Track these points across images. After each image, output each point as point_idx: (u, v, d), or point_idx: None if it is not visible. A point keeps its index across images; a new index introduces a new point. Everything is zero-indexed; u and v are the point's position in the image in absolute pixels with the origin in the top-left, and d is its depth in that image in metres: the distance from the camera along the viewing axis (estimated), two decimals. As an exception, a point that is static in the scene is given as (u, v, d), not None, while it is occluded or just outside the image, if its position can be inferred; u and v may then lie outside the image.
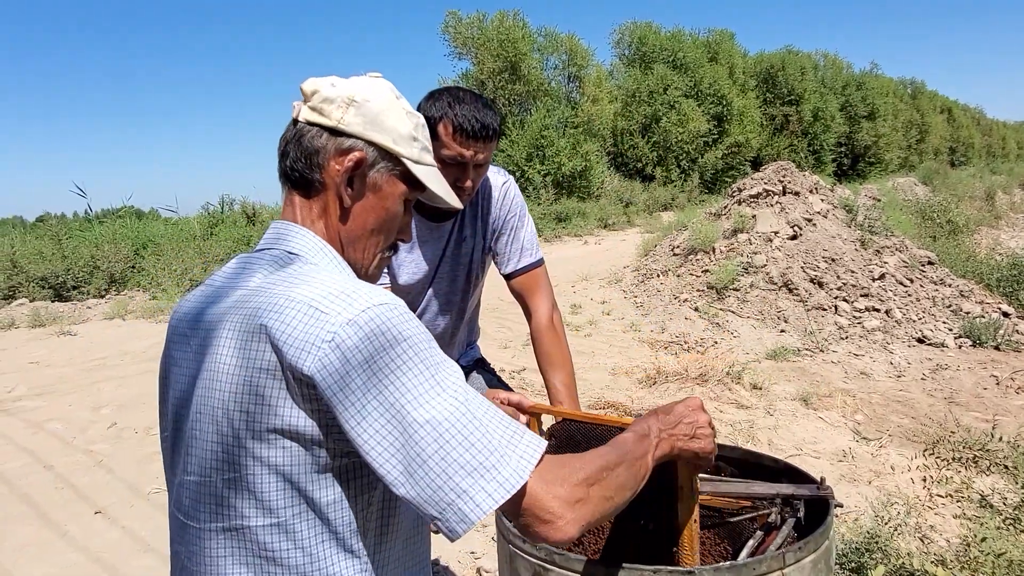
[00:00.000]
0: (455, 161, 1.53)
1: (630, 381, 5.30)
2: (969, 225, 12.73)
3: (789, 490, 1.37)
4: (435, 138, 1.51)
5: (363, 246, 1.04)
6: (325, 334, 0.81)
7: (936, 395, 4.98)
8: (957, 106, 58.23)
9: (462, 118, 1.50)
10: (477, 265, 1.81)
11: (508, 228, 1.78)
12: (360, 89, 1.00)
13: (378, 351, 0.81)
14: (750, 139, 29.63)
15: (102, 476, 3.84)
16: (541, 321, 1.77)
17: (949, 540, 2.82)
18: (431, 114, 1.53)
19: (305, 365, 0.81)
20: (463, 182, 1.56)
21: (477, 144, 1.53)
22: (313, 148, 0.99)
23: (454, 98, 1.53)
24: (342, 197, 0.99)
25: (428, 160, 1.07)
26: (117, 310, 8.36)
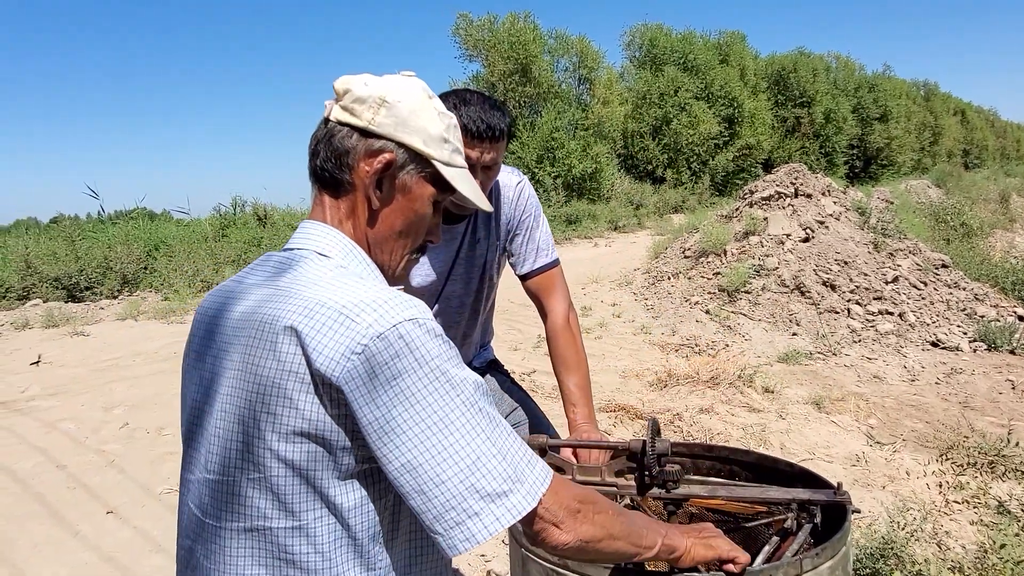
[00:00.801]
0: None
1: (640, 384, 5.28)
2: (983, 228, 12.62)
3: (805, 495, 1.35)
4: None
5: (391, 248, 1.03)
6: (356, 345, 0.82)
7: (950, 399, 4.93)
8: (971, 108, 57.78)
9: (468, 119, 1.48)
10: (491, 267, 1.79)
11: (523, 229, 1.76)
12: (392, 89, 0.99)
13: (405, 370, 0.82)
14: (761, 141, 29.49)
15: (114, 476, 3.86)
16: (557, 322, 1.75)
17: (965, 546, 2.78)
18: None
19: (334, 374, 0.82)
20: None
21: (484, 145, 1.51)
22: (343, 148, 0.98)
23: (461, 100, 1.51)
24: (370, 199, 0.99)
25: (459, 162, 1.06)
26: (129, 311, 8.40)
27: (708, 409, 4.66)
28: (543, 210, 1.84)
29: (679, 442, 1.62)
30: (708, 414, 4.59)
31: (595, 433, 1.63)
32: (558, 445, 1.49)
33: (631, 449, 1.40)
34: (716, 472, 1.60)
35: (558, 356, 1.74)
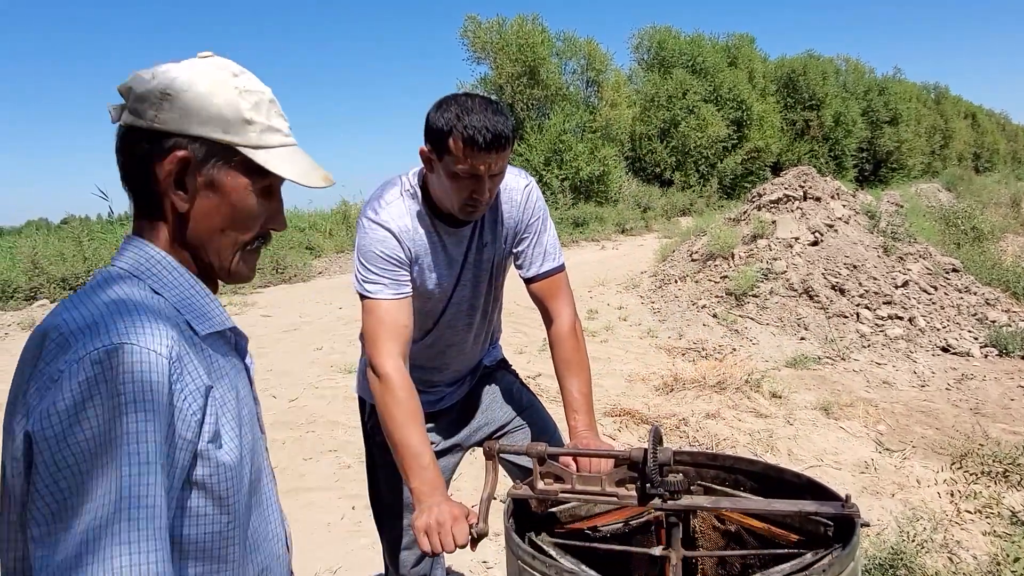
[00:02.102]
0: (468, 175, 1.46)
1: (647, 388, 5.22)
2: (994, 232, 12.49)
3: (812, 507, 1.30)
4: (446, 152, 1.45)
5: (216, 247, 0.95)
6: (54, 372, 0.77)
7: (961, 405, 4.86)
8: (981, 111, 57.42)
9: (472, 130, 1.41)
10: (499, 270, 1.77)
11: (531, 232, 1.72)
12: (177, 78, 0.89)
13: (80, 402, 0.74)
14: (770, 144, 29.36)
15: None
16: (563, 327, 1.71)
17: (976, 556, 2.72)
18: (439, 126, 1.45)
19: (35, 403, 0.76)
20: (479, 195, 1.50)
21: (490, 156, 1.45)
22: (136, 155, 0.90)
23: (462, 108, 1.44)
24: (175, 202, 0.90)
25: (273, 141, 0.94)
26: (135, 312, 8.40)
27: (715, 414, 4.60)
28: (550, 213, 1.80)
29: (682, 450, 1.58)
30: (715, 419, 4.53)
31: (596, 441, 1.59)
32: (557, 453, 1.44)
33: (632, 458, 1.35)
34: (721, 482, 1.56)
35: (563, 361, 1.70)
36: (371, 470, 1.91)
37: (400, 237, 1.57)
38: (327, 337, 7.07)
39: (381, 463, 1.86)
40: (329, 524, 3.29)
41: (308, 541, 3.13)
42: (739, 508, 1.38)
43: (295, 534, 3.19)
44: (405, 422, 1.48)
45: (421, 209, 1.61)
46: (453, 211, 1.56)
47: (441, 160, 1.48)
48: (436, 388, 1.85)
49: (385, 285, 1.55)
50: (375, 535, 3.11)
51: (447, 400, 1.88)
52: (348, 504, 3.47)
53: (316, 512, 3.41)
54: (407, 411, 1.49)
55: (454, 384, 1.88)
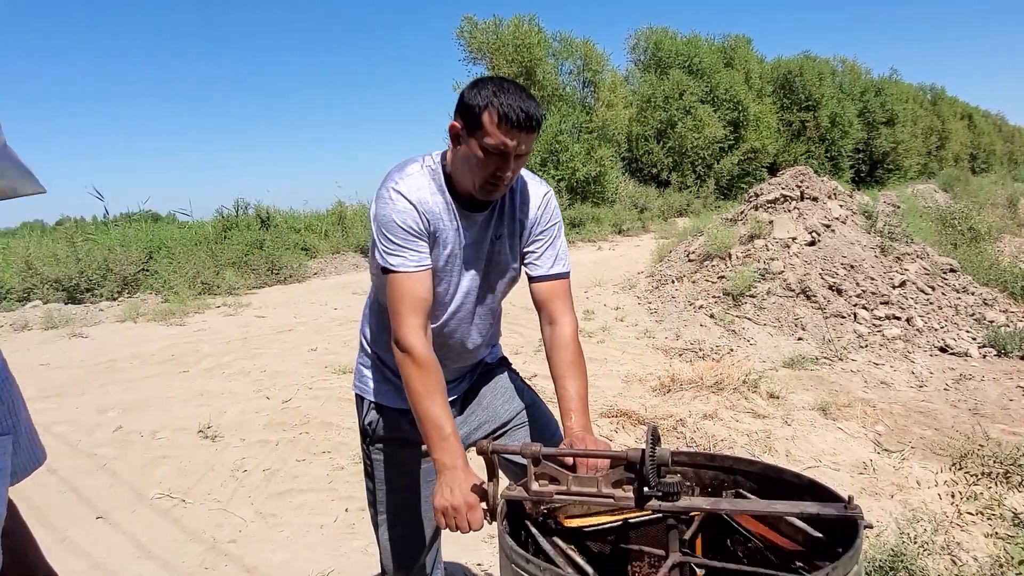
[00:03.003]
0: (498, 151, 1.50)
1: (643, 388, 5.19)
2: (991, 232, 12.47)
3: (814, 509, 1.26)
4: (478, 127, 1.49)
5: None
6: None
7: (960, 406, 4.83)
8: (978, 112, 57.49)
9: (507, 107, 1.47)
10: (506, 265, 1.76)
11: (547, 235, 1.76)
12: None
13: None
14: (766, 145, 29.35)
15: (105, 480, 3.79)
16: (565, 330, 1.72)
17: (976, 558, 2.69)
18: (475, 103, 1.50)
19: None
20: (503, 172, 1.53)
21: (521, 134, 1.50)
22: None
23: (499, 87, 1.50)
24: None
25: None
26: (129, 313, 8.35)
27: (712, 415, 4.57)
28: None
29: (680, 451, 1.54)
30: (712, 420, 4.50)
31: (593, 441, 1.56)
32: (553, 454, 1.41)
33: (629, 459, 1.32)
34: (719, 483, 1.52)
35: (565, 363, 1.69)
36: (367, 471, 1.88)
37: (420, 208, 1.57)
38: (321, 338, 7.03)
39: (377, 464, 1.83)
40: (322, 526, 3.24)
41: (301, 543, 3.09)
42: (739, 510, 1.34)
43: (287, 536, 3.16)
44: (428, 393, 1.51)
45: (441, 186, 1.62)
46: (472, 190, 1.58)
47: (472, 135, 1.51)
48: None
49: (406, 257, 1.56)
50: (369, 537, 3.08)
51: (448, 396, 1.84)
52: (341, 506, 3.43)
53: (309, 514, 3.36)
54: (430, 383, 1.52)
55: (455, 380, 1.85)
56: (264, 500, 3.52)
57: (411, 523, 1.83)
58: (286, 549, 3.04)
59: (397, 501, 1.83)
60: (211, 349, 6.67)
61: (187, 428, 4.50)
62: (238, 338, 7.14)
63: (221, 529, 3.24)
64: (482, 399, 1.90)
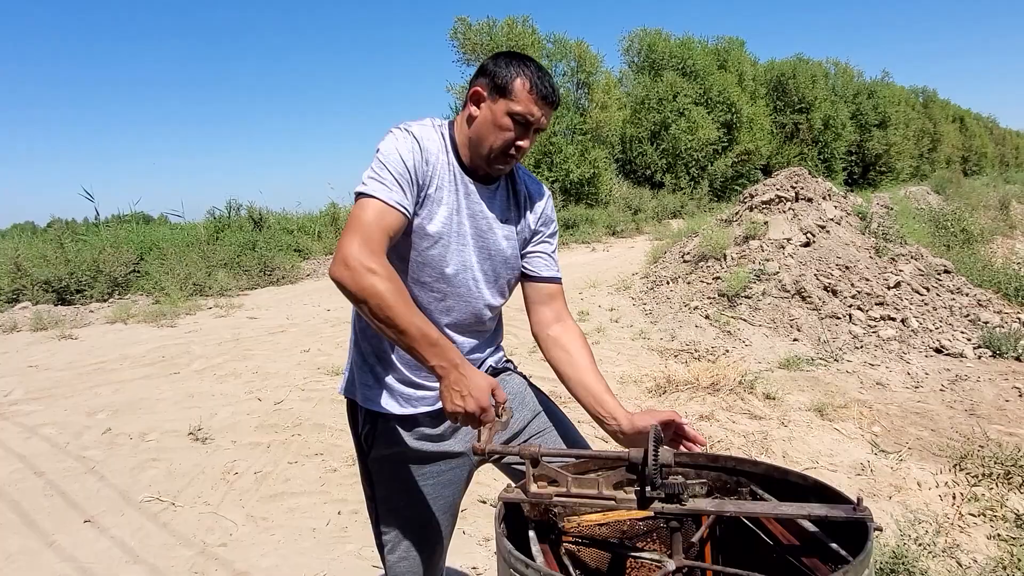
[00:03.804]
0: (523, 119, 1.50)
1: (639, 390, 5.15)
2: (984, 234, 12.51)
3: (822, 511, 1.22)
4: (507, 93, 1.49)
5: None
6: None
7: (956, 407, 4.81)
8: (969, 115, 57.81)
9: (539, 79, 1.50)
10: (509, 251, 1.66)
11: (553, 238, 1.75)
12: None
13: None
14: (760, 147, 29.42)
15: (93, 483, 3.72)
16: (575, 328, 1.72)
17: (977, 559, 2.65)
18: (507, 71, 1.50)
19: None
20: (522, 140, 1.52)
21: (546, 108, 1.52)
22: None
23: (527, 61, 1.52)
24: None
25: None
26: (119, 314, 8.27)
27: (708, 416, 4.53)
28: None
29: (682, 452, 1.50)
30: (708, 421, 4.47)
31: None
32: (551, 455, 1.37)
33: (631, 460, 1.28)
34: (722, 484, 1.48)
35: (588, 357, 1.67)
36: (367, 488, 1.73)
37: (426, 154, 1.51)
38: (314, 339, 6.97)
39: (378, 480, 1.69)
40: (315, 530, 3.19)
41: (292, 547, 3.04)
42: (744, 512, 1.30)
43: (279, 540, 3.10)
44: (403, 304, 1.35)
45: (447, 147, 1.57)
46: (482, 159, 1.54)
47: (497, 101, 1.50)
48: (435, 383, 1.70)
49: (391, 190, 1.44)
50: (362, 541, 3.03)
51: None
52: (334, 509, 3.38)
53: (301, 517, 3.31)
54: (403, 296, 1.37)
55: None
56: (255, 503, 3.47)
57: (419, 541, 1.71)
58: (277, 553, 2.99)
59: (402, 518, 1.70)
60: (202, 351, 6.60)
61: (177, 430, 4.44)
62: (230, 339, 7.07)
63: (211, 533, 3.19)
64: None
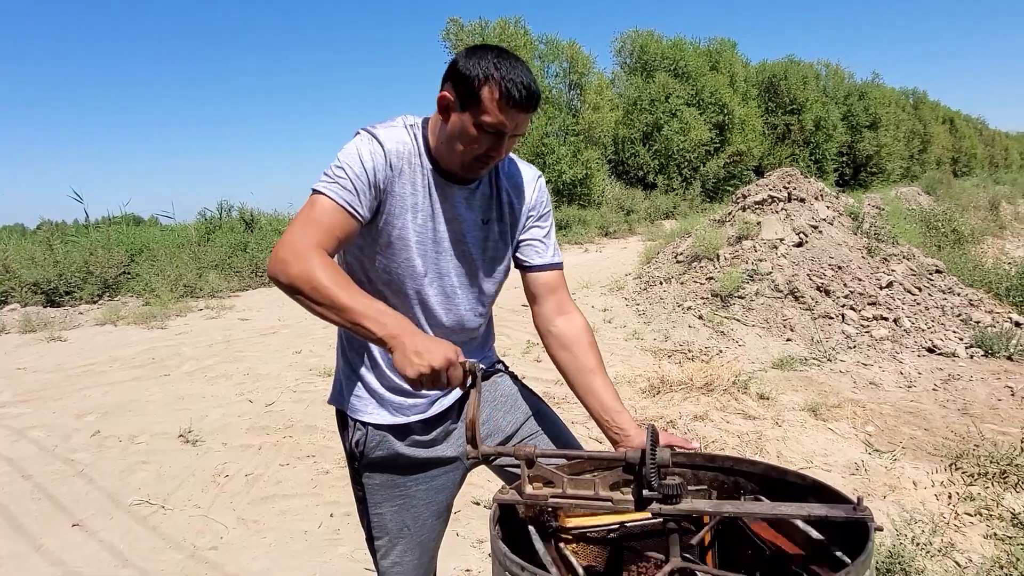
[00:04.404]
0: (495, 130, 1.35)
1: (633, 390, 5.14)
2: (974, 234, 12.58)
3: (822, 511, 1.21)
4: (475, 103, 1.34)
5: None
6: None
7: (949, 406, 4.81)
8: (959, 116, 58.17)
9: (510, 83, 1.32)
10: (494, 252, 1.60)
11: (545, 221, 1.63)
12: None
13: None
14: (752, 148, 29.51)
15: (82, 486, 3.68)
16: (581, 320, 1.62)
17: (972, 559, 2.65)
18: (473, 73, 1.33)
19: None
20: (496, 151, 1.39)
21: (521, 114, 1.36)
22: None
23: (500, 58, 1.34)
24: None
25: None
26: (109, 316, 8.20)
27: (702, 416, 4.52)
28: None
29: (679, 451, 1.48)
30: (703, 421, 4.45)
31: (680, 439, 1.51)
32: (547, 455, 1.34)
33: (628, 460, 1.25)
34: (720, 484, 1.46)
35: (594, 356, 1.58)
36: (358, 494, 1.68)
37: (390, 159, 1.41)
38: (306, 340, 6.93)
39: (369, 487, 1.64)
40: (306, 532, 3.16)
41: (285, 550, 3.00)
42: (743, 512, 1.28)
43: (270, 543, 3.07)
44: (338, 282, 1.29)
45: (420, 150, 1.46)
46: (454, 166, 1.43)
47: (466, 110, 1.36)
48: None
49: (345, 191, 1.37)
50: (354, 543, 3.00)
51: (437, 406, 1.63)
52: (326, 511, 3.34)
53: (292, 520, 3.28)
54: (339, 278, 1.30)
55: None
56: (246, 506, 3.43)
57: (412, 546, 1.67)
58: (268, 556, 2.96)
59: (395, 524, 1.65)
60: (193, 352, 6.55)
61: (167, 432, 4.40)
62: (221, 341, 7.02)
63: (201, 536, 3.15)
64: (481, 411, 1.69)
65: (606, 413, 1.55)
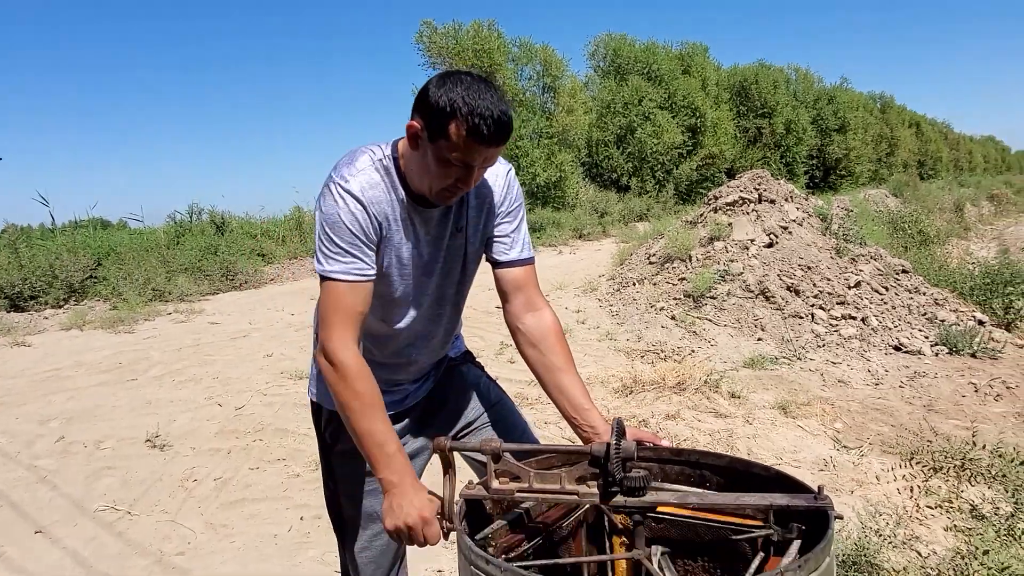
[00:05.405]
0: (462, 163, 1.34)
1: (606, 391, 5.16)
2: (940, 236, 12.82)
3: (783, 501, 1.22)
4: (442, 136, 1.31)
5: None
6: None
7: (915, 403, 4.90)
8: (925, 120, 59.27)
9: (479, 119, 1.28)
10: (472, 257, 1.63)
11: (514, 217, 1.61)
12: None
13: None
14: (724, 151, 29.81)
15: (45, 493, 3.60)
16: (551, 317, 1.61)
17: (936, 551, 2.70)
18: (440, 105, 1.30)
19: None
20: (464, 184, 1.39)
21: (490, 149, 1.33)
22: None
23: (468, 90, 1.29)
24: None
25: None
26: (75, 320, 8.05)
27: (674, 415, 4.55)
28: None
29: (646, 445, 1.49)
30: (674, 420, 4.49)
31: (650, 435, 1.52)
32: (513, 450, 1.34)
33: (593, 453, 1.26)
34: (686, 477, 1.48)
35: (563, 353, 1.58)
36: (328, 482, 1.74)
37: (370, 210, 1.42)
38: (277, 343, 6.86)
39: (340, 475, 1.69)
40: (276, 536, 3.12)
41: (254, 554, 2.96)
42: (706, 504, 1.29)
43: (239, 547, 3.03)
44: (365, 411, 1.37)
45: (394, 183, 1.46)
46: (426, 194, 1.43)
47: (434, 143, 1.33)
48: (400, 387, 1.69)
49: (349, 265, 1.41)
50: (324, 546, 2.97)
51: (411, 399, 1.72)
52: (296, 514, 3.31)
53: (262, 524, 3.24)
54: (368, 399, 1.38)
55: (418, 380, 1.72)
56: (215, 510, 3.38)
57: (379, 536, 1.70)
58: (237, 560, 2.92)
59: (363, 514, 1.69)
60: (161, 356, 6.45)
61: (134, 438, 4.32)
62: (190, 345, 6.92)
63: (168, 541, 3.10)
64: (445, 399, 1.77)
65: (575, 411, 1.56)
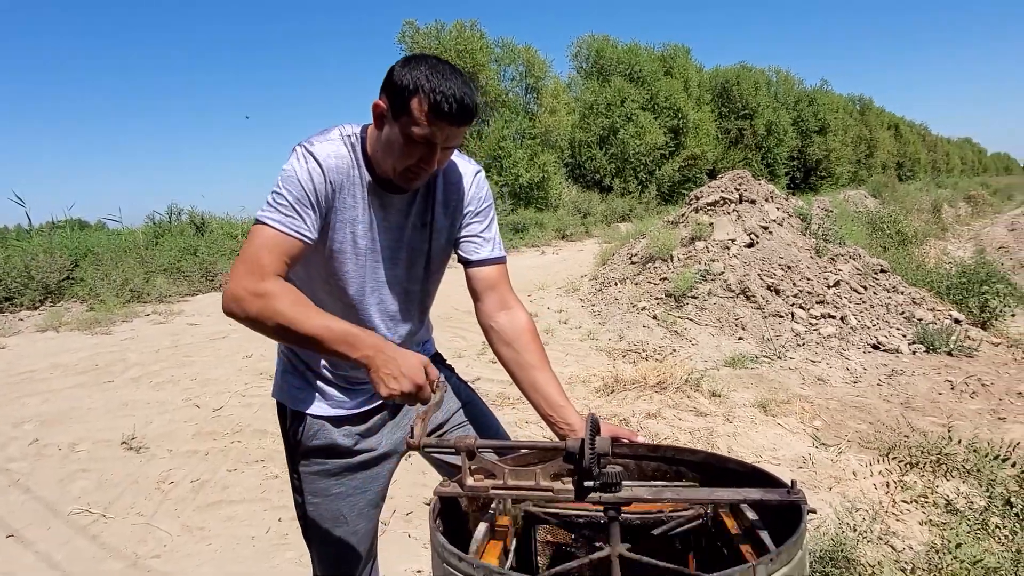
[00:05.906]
0: (424, 140, 1.35)
1: (587, 390, 5.16)
2: (918, 236, 12.98)
3: (757, 495, 1.22)
4: (405, 112, 1.33)
5: None
6: None
7: (892, 400, 4.95)
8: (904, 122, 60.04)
9: (440, 95, 1.30)
10: (437, 255, 1.61)
11: (483, 217, 1.61)
12: None
13: None
14: (706, 152, 30.02)
15: (17, 496, 3.54)
16: (524, 315, 1.62)
17: (912, 546, 2.72)
18: (404, 83, 1.32)
19: None
20: (427, 164, 1.39)
21: (452, 127, 1.35)
22: None
23: (432, 69, 1.33)
24: None
25: None
26: (51, 321, 7.93)
27: (655, 414, 4.57)
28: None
29: (621, 441, 1.48)
30: (655, 419, 4.50)
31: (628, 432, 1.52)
32: (486, 447, 1.33)
33: (568, 449, 1.25)
34: (662, 474, 1.48)
35: (536, 352, 1.59)
36: (296, 485, 1.70)
37: (328, 175, 1.41)
38: (256, 344, 6.79)
39: (306, 475, 1.65)
40: (254, 538, 3.09)
41: (231, 556, 2.93)
42: (681, 498, 1.29)
43: (215, 549, 2.99)
44: (310, 312, 1.32)
45: (359, 161, 1.46)
46: (390, 175, 1.43)
47: (397, 120, 1.35)
48: (364, 385, 1.65)
49: (288, 217, 1.37)
50: (302, 548, 2.94)
51: (376, 398, 1.67)
52: (274, 516, 3.28)
53: (239, 525, 3.20)
54: (306, 302, 1.33)
55: None
56: (192, 513, 3.34)
57: (346, 538, 1.68)
58: (213, 563, 2.88)
59: (330, 516, 1.67)
60: (138, 358, 6.37)
61: (109, 440, 4.26)
62: (168, 346, 6.85)
63: (144, 544, 3.06)
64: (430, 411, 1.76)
65: (551, 408, 1.56)
